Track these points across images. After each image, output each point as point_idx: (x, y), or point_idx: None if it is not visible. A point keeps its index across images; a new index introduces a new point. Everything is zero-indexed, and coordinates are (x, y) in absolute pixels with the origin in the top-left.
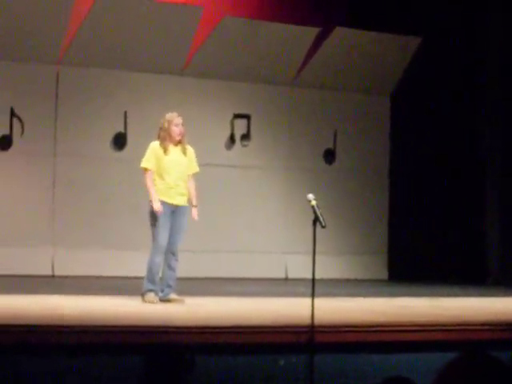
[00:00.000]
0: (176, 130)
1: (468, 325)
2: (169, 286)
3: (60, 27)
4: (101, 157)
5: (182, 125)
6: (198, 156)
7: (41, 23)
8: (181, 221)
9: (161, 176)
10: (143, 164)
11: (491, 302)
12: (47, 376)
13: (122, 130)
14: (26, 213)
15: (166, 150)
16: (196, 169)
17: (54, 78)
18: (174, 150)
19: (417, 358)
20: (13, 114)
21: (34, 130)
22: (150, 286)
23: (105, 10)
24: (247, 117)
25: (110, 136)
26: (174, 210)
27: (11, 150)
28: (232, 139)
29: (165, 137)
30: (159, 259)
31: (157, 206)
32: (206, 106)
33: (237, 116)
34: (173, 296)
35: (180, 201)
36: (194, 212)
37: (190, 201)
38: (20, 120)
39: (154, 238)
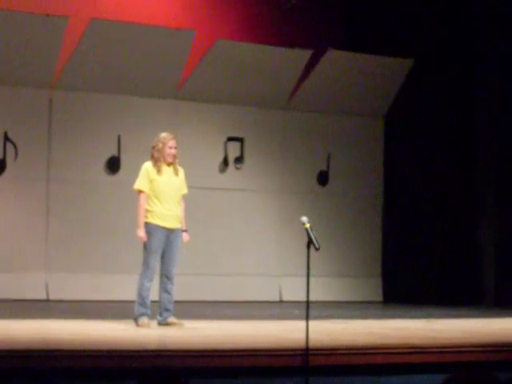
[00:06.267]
0: (170, 153)
1: (463, 346)
2: (167, 310)
3: (53, 52)
4: (94, 180)
5: (176, 148)
6: (191, 179)
7: (34, 48)
8: (176, 245)
9: (156, 198)
10: (138, 186)
11: (487, 324)
12: None
13: (116, 154)
14: (19, 237)
15: (159, 171)
16: (185, 190)
17: (47, 103)
18: (167, 171)
19: (412, 380)
20: (6, 138)
21: (27, 154)
22: (142, 310)
23: (98, 34)
24: (240, 140)
25: (103, 160)
26: (169, 234)
27: (5, 175)
28: (225, 162)
29: (158, 157)
30: (149, 283)
31: (141, 233)
32: (199, 129)
33: (230, 139)
34: (172, 320)
35: (175, 224)
36: (185, 235)
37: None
38: (14, 144)
39: (145, 261)
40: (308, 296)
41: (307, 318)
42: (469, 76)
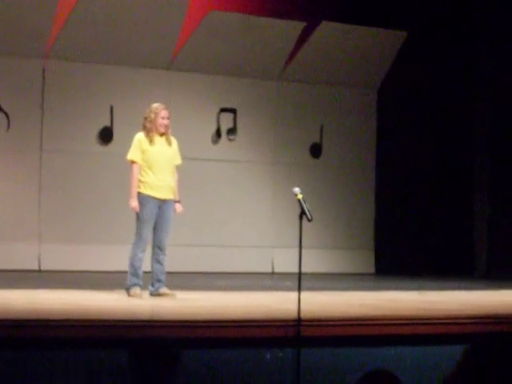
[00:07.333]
0: (162, 123)
1: (455, 318)
2: (159, 281)
3: (46, 21)
4: (87, 151)
5: (168, 118)
6: (184, 150)
7: (27, 17)
8: (168, 215)
9: (149, 168)
10: (130, 156)
11: (478, 296)
12: (32, 370)
13: (108, 125)
14: (12, 207)
15: (151, 141)
16: (179, 161)
17: (40, 73)
18: (160, 141)
19: (404, 351)
20: None
21: (19, 124)
22: (135, 280)
23: (91, 4)
24: (233, 111)
25: (96, 130)
26: (161, 205)
27: None
28: (218, 133)
29: (151, 128)
30: (141, 254)
31: (134, 203)
32: (192, 100)
33: (223, 110)
34: (164, 290)
35: (168, 194)
36: (178, 206)
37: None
38: (6, 114)
39: (138, 232)
40: (300, 267)
41: (299, 288)
42: (463, 48)
